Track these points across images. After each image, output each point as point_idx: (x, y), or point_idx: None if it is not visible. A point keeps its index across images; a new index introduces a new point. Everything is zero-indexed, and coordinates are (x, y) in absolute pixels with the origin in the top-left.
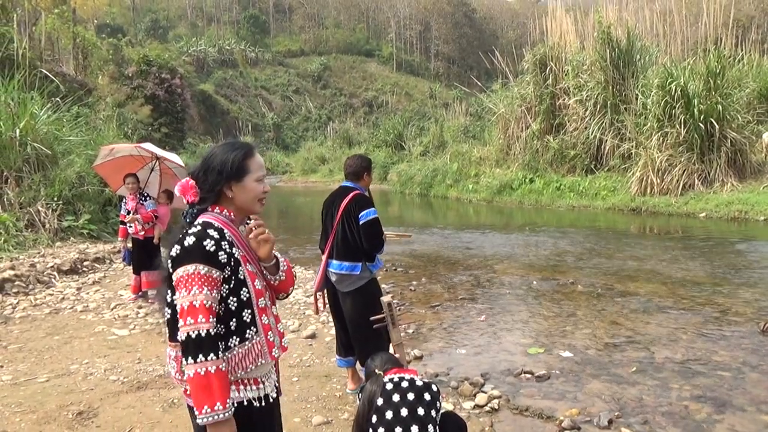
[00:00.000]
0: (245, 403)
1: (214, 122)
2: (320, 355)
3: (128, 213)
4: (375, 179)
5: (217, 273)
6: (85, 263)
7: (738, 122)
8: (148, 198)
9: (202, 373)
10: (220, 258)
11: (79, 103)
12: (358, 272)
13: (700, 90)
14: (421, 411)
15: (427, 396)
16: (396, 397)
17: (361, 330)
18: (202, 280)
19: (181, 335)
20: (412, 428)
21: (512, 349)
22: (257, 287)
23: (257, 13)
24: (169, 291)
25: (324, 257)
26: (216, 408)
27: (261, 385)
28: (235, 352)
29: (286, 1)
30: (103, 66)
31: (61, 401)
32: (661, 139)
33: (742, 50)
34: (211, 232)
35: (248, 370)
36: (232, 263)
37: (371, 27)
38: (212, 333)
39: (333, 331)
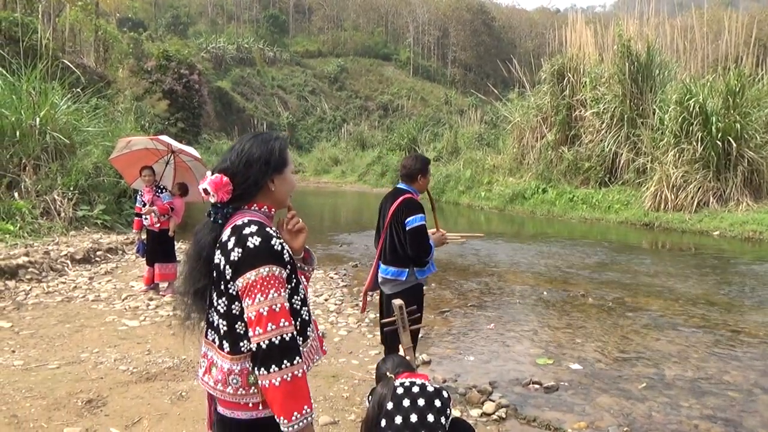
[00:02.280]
0: None
1: (230, 119)
2: (328, 355)
3: (144, 205)
4: (387, 183)
5: (287, 272)
6: (98, 253)
7: (756, 142)
8: (164, 190)
9: (289, 379)
10: (285, 256)
11: (98, 95)
12: (404, 278)
13: (718, 108)
14: (430, 417)
15: (437, 402)
16: (406, 402)
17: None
18: (278, 281)
19: (260, 343)
20: None
21: (521, 358)
22: (303, 282)
23: (277, 12)
24: (221, 301)
25: (375, 258)
26: (305, 411)
27: None
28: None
29: (306, 2)
30: (123, 59)
31: (71, 388)
32: (678, 155)
33: (762, 70)
34: (269, 230)
35: (308, 369)
36: (292, 260)
37: (390, 31)
38: (295, 335)
39: (342, 332)
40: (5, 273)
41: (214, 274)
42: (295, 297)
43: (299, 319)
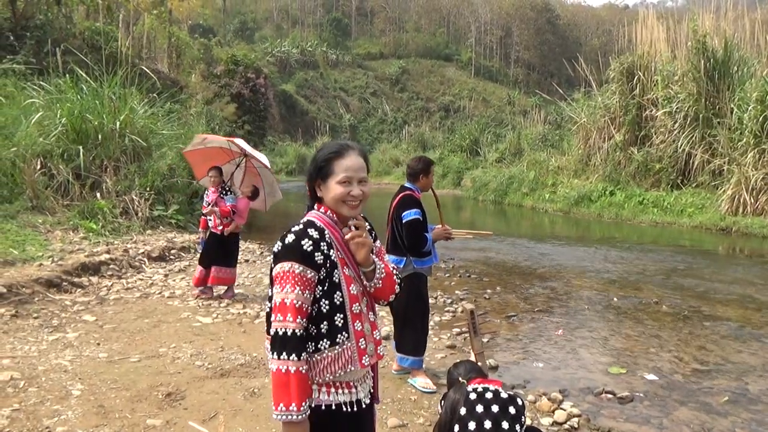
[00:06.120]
0: (333, 406)
1: (294, 122)
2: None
3: (208, 205)
4: (448, 184)
5: (312, 273)
6: (172, 251)
7: None
8: (229, 192)
9: (284, 370)
10: (316, 258)
11: (172, 100)
12: (402, 266)
13: None
14: (505, 425)
15: (512, 410)
16: (479, 408)
17: (398, 317)
18: (296, 278)
19: (270, 330)
20: None
21: (591, 366)
22: (352, 292)
23: (340, 16)
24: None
25: None
26: (291, 408)
27: (353, 390)
28: (324, 355)
29: (369, 5)
30: (194, 65)
31: (152, 381)
32: (758, 156)
33: None
34: (311, 231)
35: (337, 374)
36: (328, 265)
37: (451, 31)
38: (298, 333)
39: None
40: (89, 269)
41: None
42: (325, 301)
43: (327, 323)
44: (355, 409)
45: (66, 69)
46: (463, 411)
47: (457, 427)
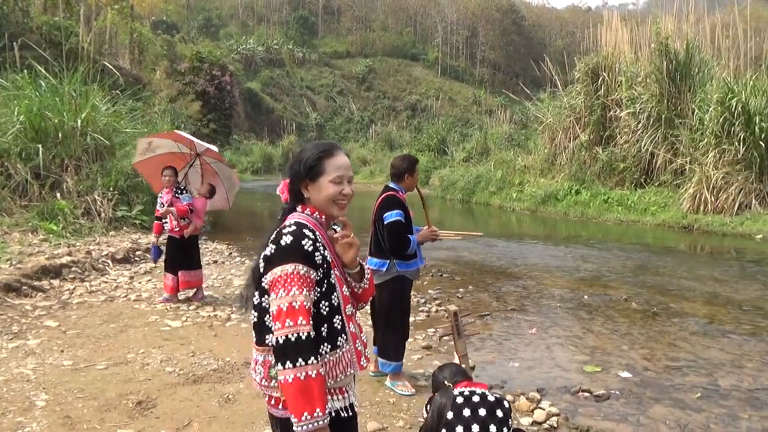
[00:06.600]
0: (333, 413)
1: (259, 120)
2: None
3: (162, 206)
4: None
5: (314, 274)
6: (137, 253)
7: None
8: (184, 191)
9: (302, 377)
10: (316, 258)
11: (135, 97)
12: (385, 269)
13: (762, 107)
14: (493, 428)
15: (499, 413)
16: (467, 412)
17: (380, 320)
18: (302, 280)
19: (278, 338)
20: None
21: (567, 365)
22: (345, 293)
23: (306, 14)
24: (256, 293)
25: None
26: (316, 414)
27: (346, 395)
28: (326, 360)
29: (335, 3)
30: (158, 61)
31: (121, 389)
32: (718, 155)
33: None
34: (306, 231)
35: (338, 379)
36: (325, 266)
37: (418, 31)
38: (312, 336)
39: None
40: (50, 272)
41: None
42: (324, 303)
43: (326, 325)
44: (350, 414)
45: (24, 64)
46: (450, 415)
47: None
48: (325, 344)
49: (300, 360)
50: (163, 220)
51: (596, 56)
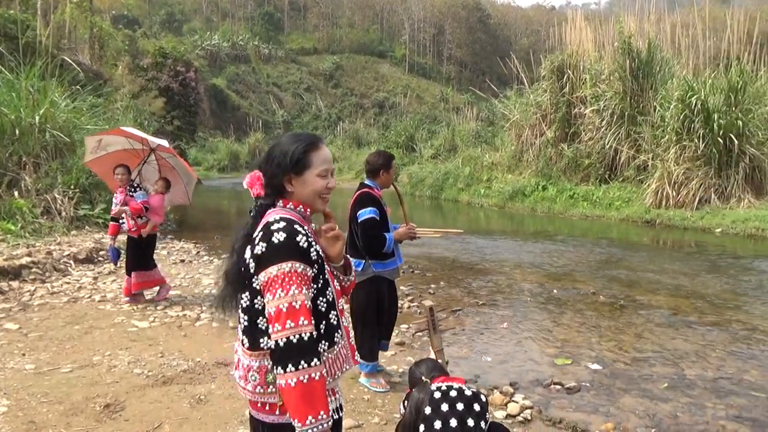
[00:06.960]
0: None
1: (225, 117)
2: None
3: (116, 206)
4: None
5: (311, 271)
6: (101, 253)
7: (758, 138)
8: (138, 189)
9: (305, 380)
10: (312, 255)
11: (95, 93)
12: (360, 269)
13: (720, 105)
14: (470, 422)
15: (476, 407)
16: (445, 407)
17: (356, 321)
18: (300, 278)
19: (278, 341)
20: None
21: (538, 358)
22: (336, 287)
23: (272, 10)
24: (245, 295)
25: None
26: (320, 417)
27: (336, 395)
28: (324, 358)
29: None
30: (119, 57)
31: (87, 393)
32: (679, 152)
33: (763, 66)
34: (298, 227)
35: (336, 377)
36: (320, 261)
37: (385, 28)
38: (315, 335)
39: None
40: (9, 274)
41: (243, 270)
42: (321, 299)
43: (324, 323)
44: (339, 415)
45: None
46: (428, 410)
47: (422, 427)
48: (324, 342)
49: (303, 362)
50: (120, 221)
51: (561, 54)
